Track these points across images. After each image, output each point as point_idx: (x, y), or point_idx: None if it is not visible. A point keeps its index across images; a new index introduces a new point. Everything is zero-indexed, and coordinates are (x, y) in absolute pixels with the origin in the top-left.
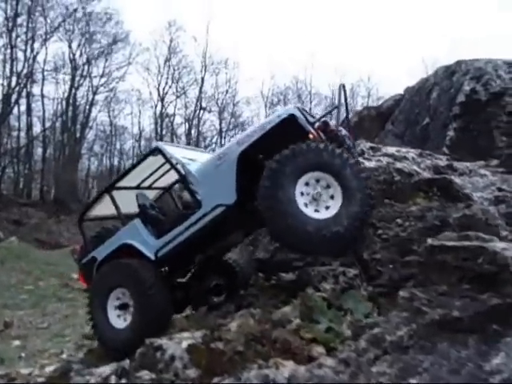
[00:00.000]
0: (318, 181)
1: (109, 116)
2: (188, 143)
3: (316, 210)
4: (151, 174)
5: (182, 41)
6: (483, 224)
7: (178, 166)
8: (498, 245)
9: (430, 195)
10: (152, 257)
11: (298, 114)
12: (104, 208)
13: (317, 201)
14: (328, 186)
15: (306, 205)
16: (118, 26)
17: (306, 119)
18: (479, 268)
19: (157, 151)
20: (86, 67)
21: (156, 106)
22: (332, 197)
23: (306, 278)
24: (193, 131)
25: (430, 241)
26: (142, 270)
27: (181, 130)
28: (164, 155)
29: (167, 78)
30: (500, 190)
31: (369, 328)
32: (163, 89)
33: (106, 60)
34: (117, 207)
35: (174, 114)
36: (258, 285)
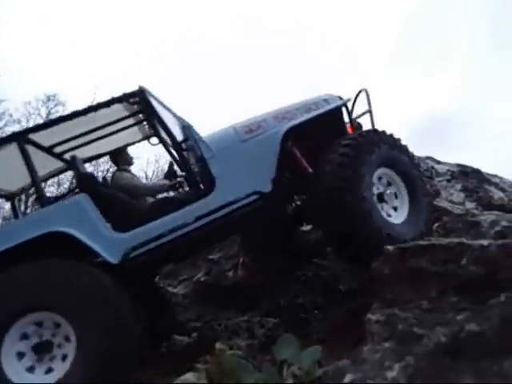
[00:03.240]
0: (379, 178)
1: None
2: None
3: (388, 215)
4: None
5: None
6: None
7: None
8: (482, 241)
9: None
10: (114, 259)
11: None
12: None
13: (385, 202)
14: (389, 184)
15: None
16: None
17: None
18: (464, 272)
19: (140, 94)
20: None
21: None
22: (396, 196)
23: (211, 335)
24: None
25: (390, 247)
26: (105, 279)
27: None
28: (149, 103)
29: None
30: None
31: (333, 378)
32: None
33: None
34: (31, 169)
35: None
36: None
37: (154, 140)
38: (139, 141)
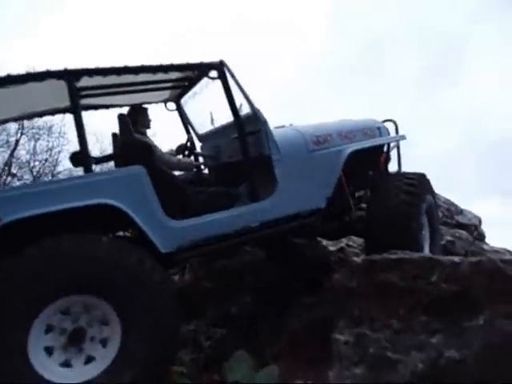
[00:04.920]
0: None
1: None
2: None
3: None
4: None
5: None
6: None
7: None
8: (453, 258)
9: None
10: (165, 248)
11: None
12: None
13: None
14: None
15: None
16: None
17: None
18: (434, 289)
19: (219, 68)
20: None
21: None
22: None
23: None
24: None
25: (357, 259)
26: (157, 266)
27: None
28: (225, 81)
29: None
30: None
31: None
32: None
33: None
34: (76, 105)
35: None
36: None
37: (171, 105)
38: (157, 102)
